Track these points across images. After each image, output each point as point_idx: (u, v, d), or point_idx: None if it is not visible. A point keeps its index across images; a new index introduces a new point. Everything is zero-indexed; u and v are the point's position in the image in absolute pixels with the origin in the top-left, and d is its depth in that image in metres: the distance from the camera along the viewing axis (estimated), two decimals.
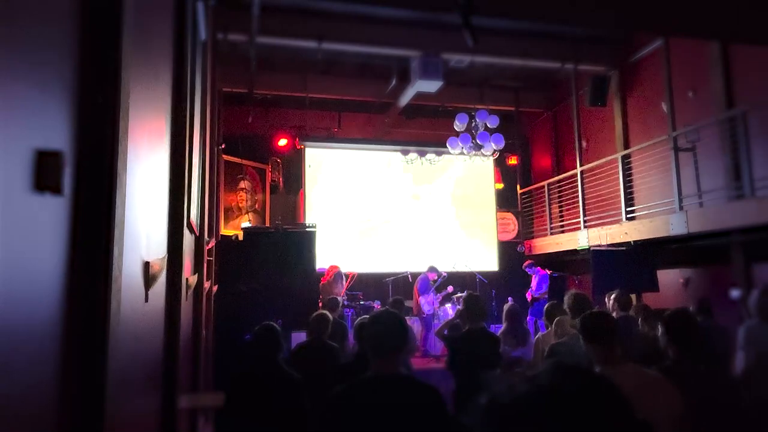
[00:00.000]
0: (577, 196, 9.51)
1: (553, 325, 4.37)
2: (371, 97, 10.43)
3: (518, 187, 11.80)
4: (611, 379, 0.70)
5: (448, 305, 8.68)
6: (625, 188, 8.41)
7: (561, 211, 10.48)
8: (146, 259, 1.92)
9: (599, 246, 8.40)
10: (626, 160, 8.58)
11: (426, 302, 8.73)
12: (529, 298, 9.40)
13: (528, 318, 8.91)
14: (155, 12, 2.24)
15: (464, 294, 5.15)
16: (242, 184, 9.89)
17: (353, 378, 2.23)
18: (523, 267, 9.87)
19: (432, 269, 9.00)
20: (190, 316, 3.82)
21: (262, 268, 7.55)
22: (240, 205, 9.87)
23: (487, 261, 11.02)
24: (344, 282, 8.51)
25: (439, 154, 10.99)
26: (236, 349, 6.11)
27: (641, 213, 8.03)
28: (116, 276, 1.31)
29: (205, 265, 4.61)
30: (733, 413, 2.82)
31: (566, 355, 3.83)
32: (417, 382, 2.24)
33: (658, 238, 7.43)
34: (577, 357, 3.76)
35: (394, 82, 9.42)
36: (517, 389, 0.67)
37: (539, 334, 5.09)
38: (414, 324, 8.49)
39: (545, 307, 4.99)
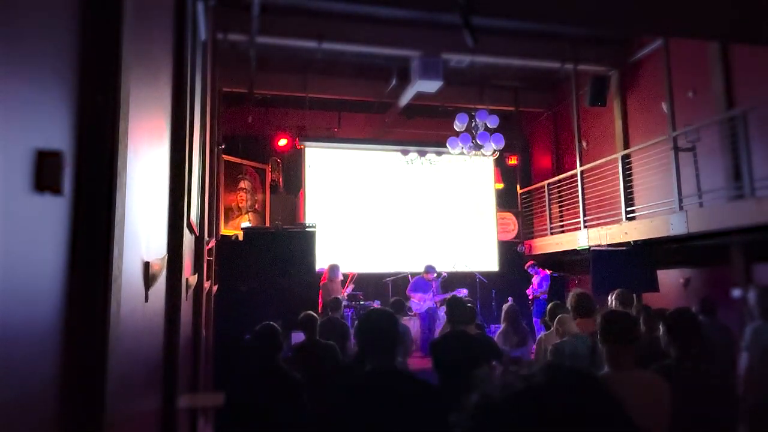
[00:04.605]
0: (577, 196, 9.51)
1: (555, 324, 4.35)
2: (371, 97, 10.42)
3: (518, 187, 11.80)
4: (608, 382, 0.69)
5: None
6: (625, 188, 8.41)
7: (561, 211, 10.47)
8: (146, 259, 1.92)
9: (599, 246, 8.39)
10: (626, 160, 8.58)
11: (416, 300, 8.74)
12: (530, 296, 9.44)
13: (534, 320, 8.93)
14: (155, 12, 2.24)
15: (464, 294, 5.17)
16: (242, 184, 9.89)
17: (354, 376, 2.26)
18: (525, 267, 9.90)
19: (428, 269, 8.96)
20: (190, 316, 3.82)
21: (262, 268, 7.55)
22: (240, 205, 9.86)
23: (487, 261, 11.02)
24: (339, 273, 8.47)
25: (439, 154, 10.99)
26: (236, 349, 6.10)
27: (641, 213, 8.03)
28: (116, 276, 1.31)
29: (205, 265, 4.61)
30: (733, 413, 2.82)
31: (568, 355, 3.83)
32: (413, 377, 2.27)
33: (658, 238, 7.43)
34: (579, 357, 3.77)
35: (394, 82, 9.41)
36: (510, 388, 0.67)
37: (542, 334, 5.08)
38: (413, 325, 8.49)
39: (548, 306, 4.99)
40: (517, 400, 0.65)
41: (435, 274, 8.96)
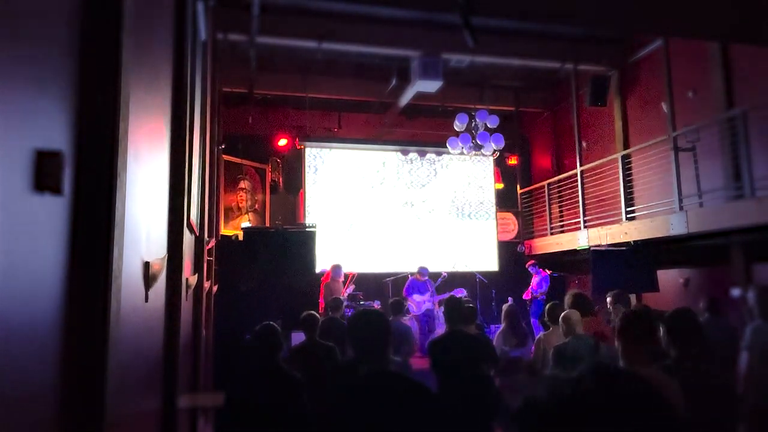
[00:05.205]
0: (577, 196, 9.51)
1: (561, 321, 4.26)
2: (371, 97, 10.42)
3: (518, 187, 11.80)
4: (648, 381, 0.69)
5: None
6: (625, 188, 8.40)
7: (561, 211, 10.47)
8: (146, 259, 1.93)
9: (599, 246, 8.39)
10: (626, 160, 8.57)
11: (414, 303, 8.75)
12: (527, 297, 9.44)
13: (532, 320, 8.93)
14: (155, 12, 2.24)
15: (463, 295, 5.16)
16: (242, 184, 9.89)
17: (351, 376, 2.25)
18: (526, 266, 9.90)
19: (421, 270, 8.99)
20: (190, 316, 3.82)
21: (262, 268, 7.55)
22: (240, 205, 9.86)
23: (487, 261, 11.02)
24: (342, 273, 8.49)
25: (439, 154, 10.99)
26: (236, 349, 6.11)
27: (641, 213, 8.03)
28: (116, 276, 1.31)
29: (205, 265, 4.61)
30: (733, 413, 2.82)
31: (570, 356, 3.82)
32: (406, 378, 2.26)
33: (658, 238, 7.42)
34: (581, 358, 3.76)
35: (394, 82, 9.41)
36: (560, 392, 0.66)
37: (540, 334, 5.06)
38: (412, 325, 8.50)
39: (547, 307, 4.98)
40: (569, 403, 0.65)
41: (427, 275, 8.97)
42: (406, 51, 8.49)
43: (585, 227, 9.11)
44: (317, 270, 8.21)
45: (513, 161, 11.66)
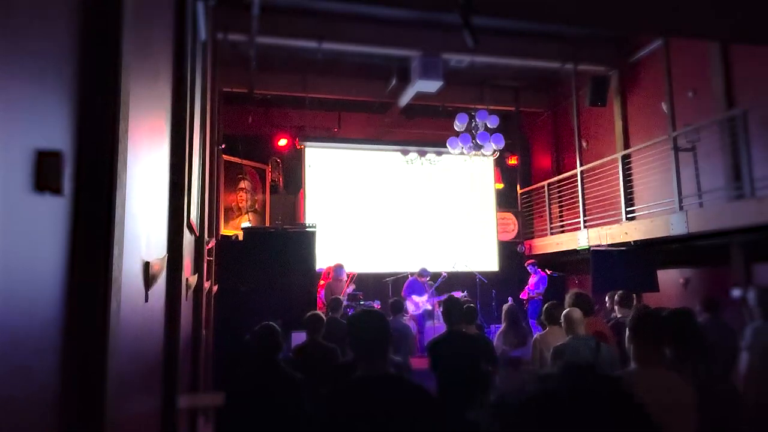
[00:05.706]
0: (577, 196, 9.51)
1: (563, 320, 4.22)
2: (371, 97, 10.42)
3: (518, 187, 11.80)
4: (635, 379, 0.69)
5: None
6: (625, 188, 8.41)
7: (561, 211, 10.47)
8: (146, 259, 1.92)
9: (599, 246, 8.39)
10: (626, 160, 8.58)
11: (412, 303, 8.76)
12: (525, 296, 9.43)
13: (530, 321, 8.93)
14: (155, 12, 2.24)
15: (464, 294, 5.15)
16: (242, 184, 9.89)
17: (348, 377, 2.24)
18: (525, 264, 9.90)
19: (422, 272, 9.01)
20: (190, 316, 3.82)
21: (262, 268, 7.55)
22: (240, 205, 9.86)
23: (487, 261, 11.02)
24: (344, 273, 8.49)
25: (439, 154, 10.99)
26: (236, 349, 6.10)
27: (641, 213, 8.03)
28: (116, 276, 1.31)
29: (205, 265, 4.61)
30: (733, 413, 2.81)
31: (571, 356, 3.80)
32: (405, 381, 2.25)
33: (658, 238, 7.43)
34: (582, 359, 3.74)
35: (394, 82, 9.41)
36: (528, 389, 0.66)
37: (537, 334, 5.06)
38: (411, 325, 8.50)
39: (545, 306, 4.97)
40: (534, 402, 0.64)
41: (429, 276, 8.97)
42: (406, 51, 8.49)
43: (585, 227, 9.11)
44: (317, 269, 8.21)
45: (513, 161, 11.66)
